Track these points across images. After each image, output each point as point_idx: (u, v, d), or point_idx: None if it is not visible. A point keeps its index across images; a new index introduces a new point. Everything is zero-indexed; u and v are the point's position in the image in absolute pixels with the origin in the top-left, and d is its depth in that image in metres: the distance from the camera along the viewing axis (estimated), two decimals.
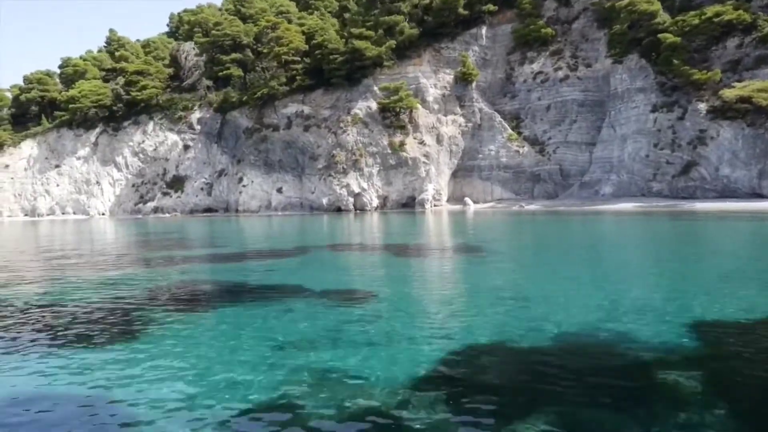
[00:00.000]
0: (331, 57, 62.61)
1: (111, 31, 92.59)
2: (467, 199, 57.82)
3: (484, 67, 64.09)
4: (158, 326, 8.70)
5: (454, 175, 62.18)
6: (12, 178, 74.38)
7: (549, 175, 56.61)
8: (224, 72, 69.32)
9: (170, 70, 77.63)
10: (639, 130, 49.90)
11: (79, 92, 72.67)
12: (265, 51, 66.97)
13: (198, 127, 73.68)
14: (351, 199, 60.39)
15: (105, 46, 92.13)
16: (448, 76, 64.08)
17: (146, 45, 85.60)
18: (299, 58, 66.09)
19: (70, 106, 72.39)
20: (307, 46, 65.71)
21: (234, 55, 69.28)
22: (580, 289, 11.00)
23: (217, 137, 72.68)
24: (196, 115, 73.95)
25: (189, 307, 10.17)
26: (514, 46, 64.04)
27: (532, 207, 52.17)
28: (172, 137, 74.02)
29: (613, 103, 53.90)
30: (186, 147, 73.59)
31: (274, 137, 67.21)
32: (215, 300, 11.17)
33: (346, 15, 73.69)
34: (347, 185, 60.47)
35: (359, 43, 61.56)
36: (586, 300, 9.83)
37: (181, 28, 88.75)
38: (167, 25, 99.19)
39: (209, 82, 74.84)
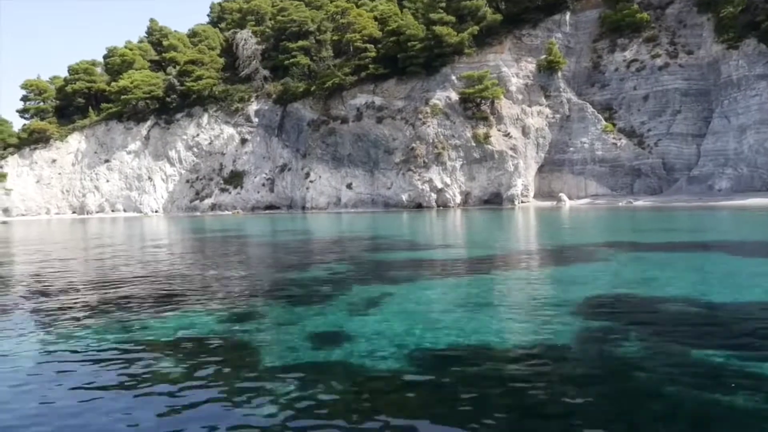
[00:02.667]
0: (409, 44, 58.76)
1: (152, 20, 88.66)
2: (562, 195, 54.06)
3: (568, 56, 60.29)
4: None
5: (540, 169, 58.47)
6: (59, 174, 70.50)
7: (651, 169, 52.87)
8: (290, 60, 65.40)
9: (222, 60, 73.78)
10: (762, 120, 46.17)
11: (131, 82, 68.79)
12: (334, 38, 63.11)
13: (256, 120, 69.93)
14: (434, 195, 56.66)
15: (146, 37, 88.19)
16: (530, 65, 60.37)
17: (193, 35, 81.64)
18: (372, 46, 62.18)
19: (122, 97, 68.50)
20: (380, 33, 61.85)
21: (301, 42, 65.39)
22: None
23: (278, 130, 68.92)
24: (253, 107, 70.22)
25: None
26: (601, 33, 60.40)
27: (640, 203, 48.46)
28: (228, 130, 70.25)
29: (726, 91, 50.15)
30: (243, 140, 69.81)
31: (342, 130, 63.40)
32: None
33: (407, 3, 70.04)
34: (429, 180, 56.71)
35: (440, 29, 57.78)
36: None
37: (228, 16, 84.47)
38: (207, 15, 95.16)
39: (266, 72, 71.10)
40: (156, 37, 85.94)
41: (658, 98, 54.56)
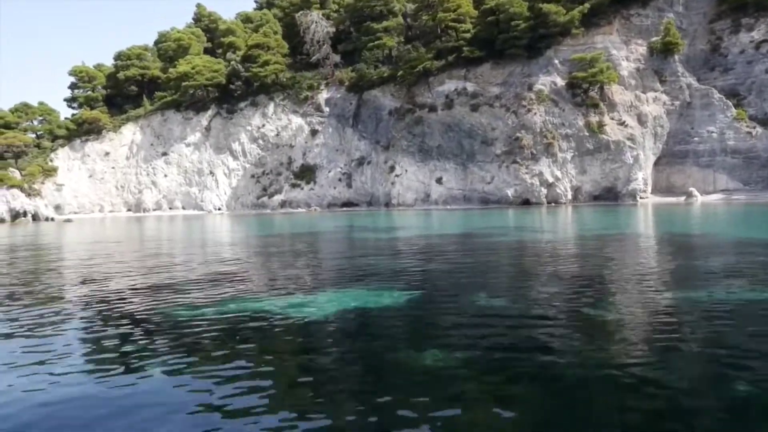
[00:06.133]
0: (512, 23, 53.22)
1: (199, 6, 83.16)
2: (693, 190, 48.55)
3: (681, 38, 54.84)
4: None
5: (656, 162, 53.05)
6: (113, 168, 64.77)
7: None
8: (375, 43, 59.76)
9: (286, 45, 68.07)
10: None
11: (192, 68, 63.07)
12: (424, 18, 57.56)
13: (327, 109, 64.31)
14: (544, 191, 51.16)
15: (193, 23, 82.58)
16: (640, 48, 54.95)
17: (247, 20, 76.03)
18: (463, 26, 56.66)
19: (183, 84, 62.76)
20: (476, 11, 56.33)
21: (387, 23, 59.75)
22: None
23: (353, 120, 63.32)
24: (323, 95, 64.61)
25: None
26: (719, 12, 55.06)
27: None
28: (297, 120, 64.61)
29: None
30: (314, 132, 64.18)
31: (430, 119, 57.80)
32: None
33: None
34: (539, 174, 51.21)
35: (548, 7, 52.29)
36: None
37: (279, 2, 78.40)
38: (255, 1, 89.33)
39: (337, 57, 65.49)
40: (205, 23, 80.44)
41: None
